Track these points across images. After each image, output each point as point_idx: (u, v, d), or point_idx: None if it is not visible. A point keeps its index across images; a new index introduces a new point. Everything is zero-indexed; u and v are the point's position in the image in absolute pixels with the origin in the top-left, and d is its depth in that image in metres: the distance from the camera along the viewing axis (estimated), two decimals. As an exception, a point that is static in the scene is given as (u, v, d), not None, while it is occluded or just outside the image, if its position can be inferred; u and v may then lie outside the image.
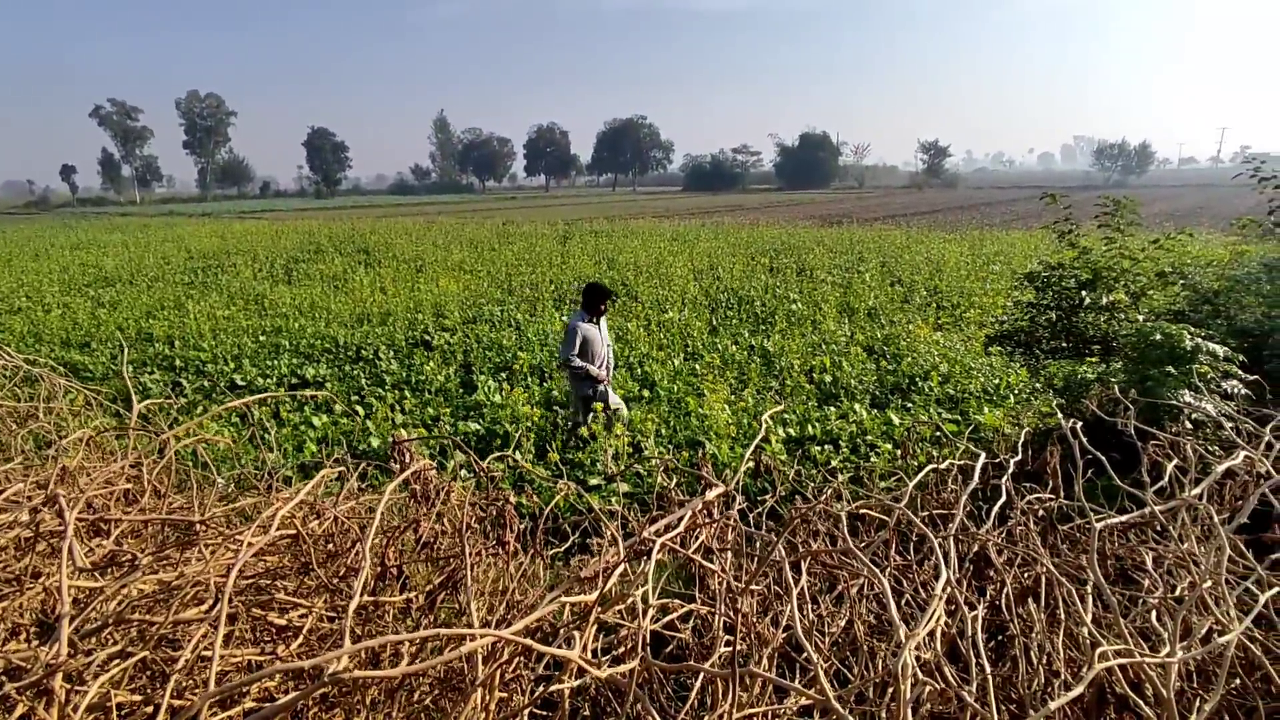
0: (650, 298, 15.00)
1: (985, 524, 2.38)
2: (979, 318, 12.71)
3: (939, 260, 19.37)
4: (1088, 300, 6.27)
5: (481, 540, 2.01)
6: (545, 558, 2.40)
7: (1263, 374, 4.95)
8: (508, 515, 2.04)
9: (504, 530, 2.03)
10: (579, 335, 6.80)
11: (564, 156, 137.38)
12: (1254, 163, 6.64)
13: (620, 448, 6.62)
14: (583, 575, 1.54)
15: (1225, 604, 1.71)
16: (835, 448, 7.04)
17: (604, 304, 6.94)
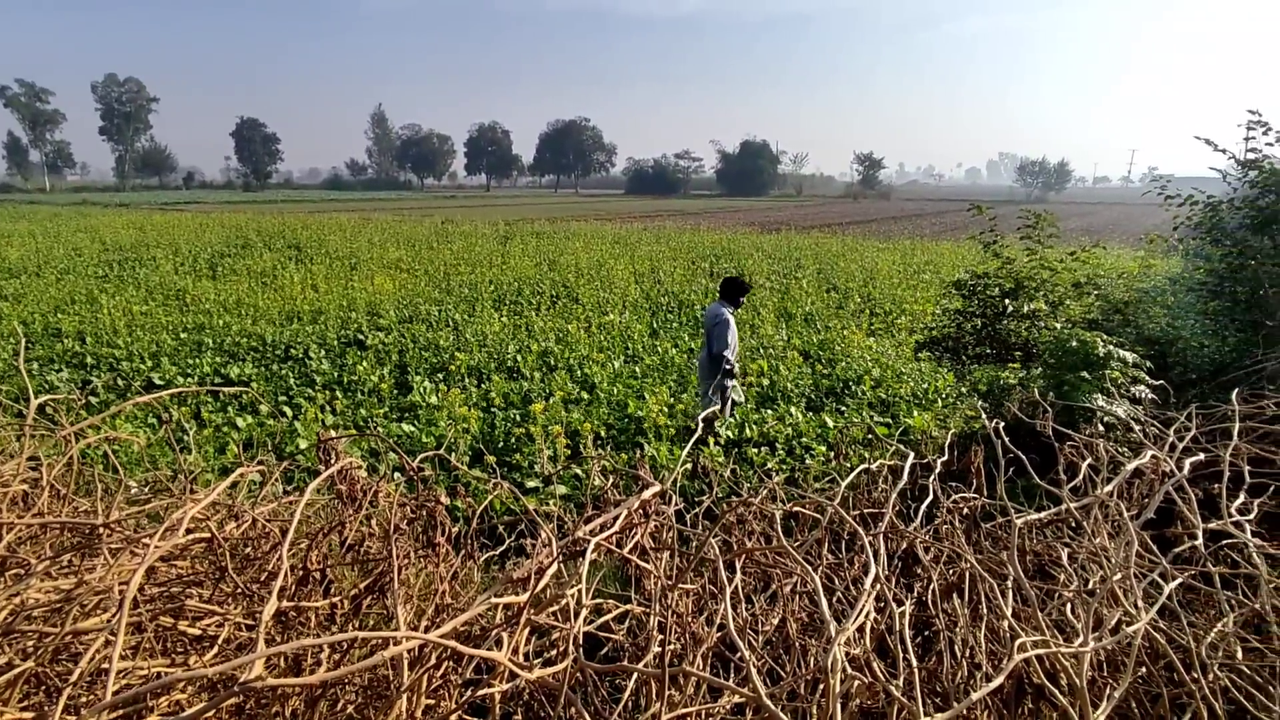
0: (591, 300, 14.97)
1: (914, 523, 2.44)
2: (909, 324, 13.11)
3: (873, 268, 19.91)
4: (1010, 308, 6.54)
5: (410, 542, 1.95)
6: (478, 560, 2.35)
7: (1167, 379, 5.26)
8: (438, 517, 1.98)
9: (434, 532, 1.98)
10: (731, 328, 6.75)
11: (506, 156, 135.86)
12: (1160, 183, 7.04)
13: (558, 449, 6.57)
14: (516, 576, 1.51)
15: (1133, 595, 1.80)
16: (772, 450, 7.14)
17: (744, 296, 6.99)
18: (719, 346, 6.72)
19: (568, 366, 10.14)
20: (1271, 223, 6.58)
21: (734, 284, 6.98)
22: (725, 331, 6.71)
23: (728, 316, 6.77)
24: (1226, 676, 1.89)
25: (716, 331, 6.74)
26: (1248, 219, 6.70)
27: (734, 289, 6.96)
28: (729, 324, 6.75)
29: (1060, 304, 6.88)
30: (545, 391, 8.88)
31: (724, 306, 6.87)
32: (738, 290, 6.97)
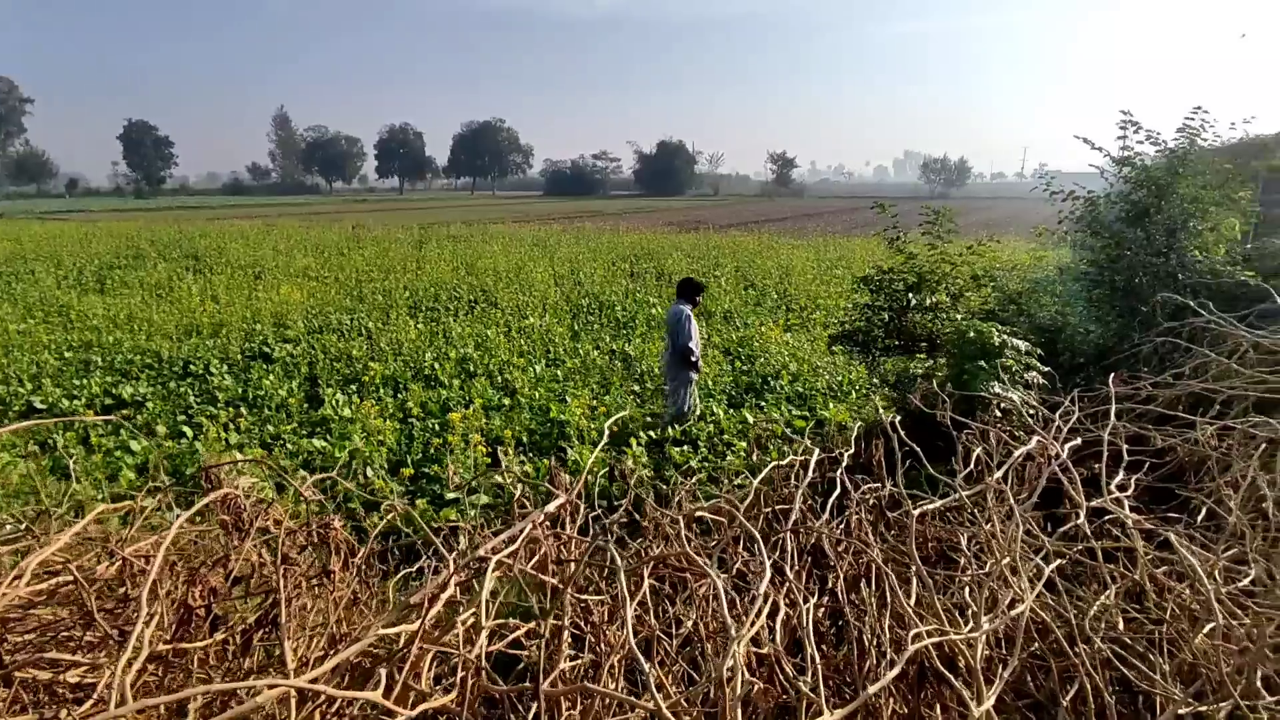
0: (511, 304, 14.77)
1: (824, 516, 2.50)
2: (824, 319, 13.50)
3: (788, 265, 20.40)
4: (914, 301, 6.81)
5: (303, 571, 1.85)
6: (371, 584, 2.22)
7: (1057, 364, 5.59)
8: (334, 540, 1.90)
9: (332, 558, 1.89)
10: (694, 323, 7.36)
11: (419, 158, 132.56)
12: (1045, 179, 7.47)
13: (478, 458, 6.45)
14: (413, 600, 1.45)
15: (1022, 577, 1.89)
16: (694, 448, 7.20)
17: (700, 296, 7.71)
18: (684, 339, 7.24)
19: (488, 372, 9.97)
20: (1144, 215, 7.09)
21: (690, 284, 7.66)
22: (689, 326, 7.29)
23: (689, 313, 7.37)
24: (1109, 648, 2.01)
25: (680, 327, 7.29)
26: (1123, 212, 7.20)
27: (691, 289, 7.61)
28: (690, 319, 7.34)
29: (960, 296, 7.22)
30: (465, 399, 8.70)
31: (683, 305, 7.45)
32: (694, 290, 7.63)
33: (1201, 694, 1.88)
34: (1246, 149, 8.21)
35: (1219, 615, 1.91)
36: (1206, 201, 6.90)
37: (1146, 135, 7.26)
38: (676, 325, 7.32)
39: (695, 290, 7.63)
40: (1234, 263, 6.68)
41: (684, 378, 7.49)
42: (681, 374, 7.47)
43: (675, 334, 7.35)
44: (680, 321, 7.29)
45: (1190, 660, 1.96)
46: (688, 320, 7.30)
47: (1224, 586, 2.17)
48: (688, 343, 7.25)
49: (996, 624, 1.71)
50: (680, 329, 7.29)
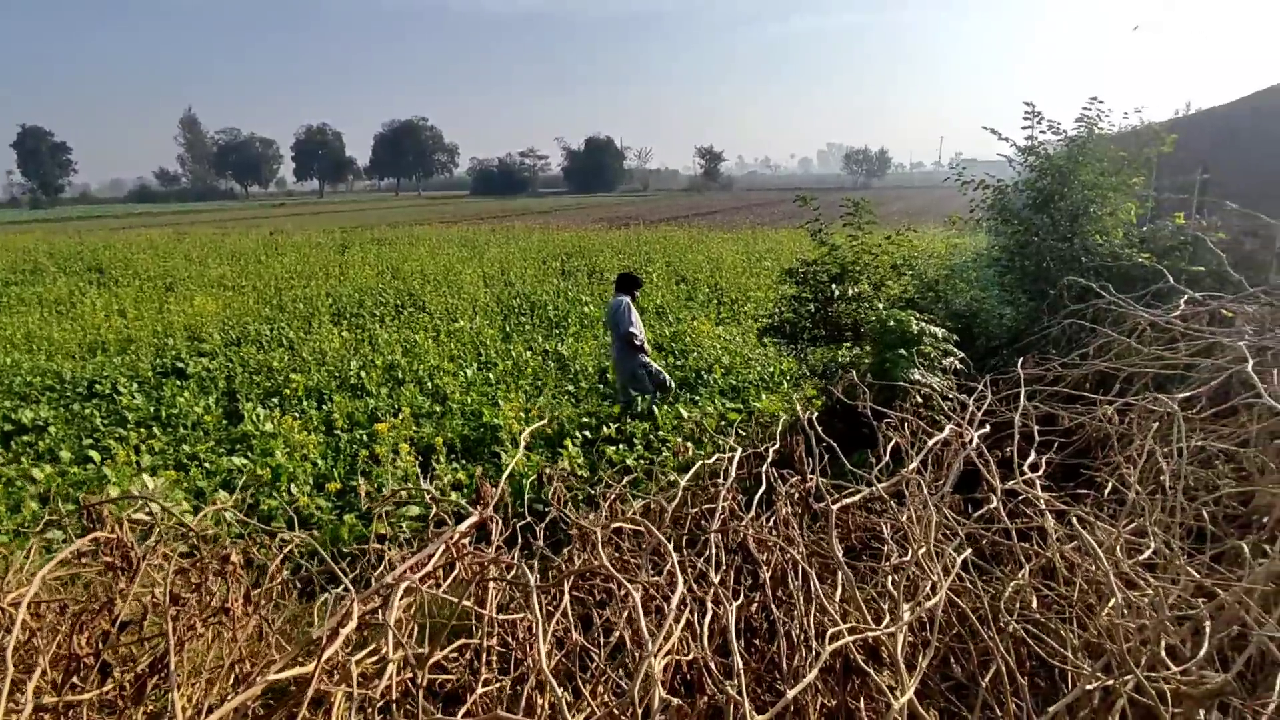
0: (439, 307, 14.46)
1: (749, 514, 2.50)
2: (754, 311, 13.68)
3: (718, 259, 20.61)
4: (838, 292, 6.96)
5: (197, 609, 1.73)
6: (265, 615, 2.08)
7: (973, 349, 5.80)
8: (230, 574, 1.78)
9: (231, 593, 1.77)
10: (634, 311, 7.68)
11: (339, 159, 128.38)
12: (957, 169, 7.74)
13: (408, 467, 6.27)
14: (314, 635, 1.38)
15: (938, 564, 1.93)
16: (630, 446, 7.18)
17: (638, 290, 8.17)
18: (625, 326, 7.59)
19: (417, 379, 9.73)
20: (1049, 202, 7.43)
21: (628, 278, 8.17)
22: (629, 313, 7.66)
23: (629, 302, 7.77)
24: (1023, 627, 2.08)
25: (620, 316, 7.65)
26: (1030, 200, 7.52)
27: (629, 283, 8.09)
28: (631, 308, 7.71)
29: (882, 285, 7.40)
30: (393, 408, 8.46)
31: (619, 296, 7.90)
32: (632, 284, 8.11)
33: (1109, 667, 1.96)
34: (1139, 136, 8.68)
35: (1117, 590, 2.00)
36: (1105, 187, 7.27)
37: (1049, 125, 7.61)
38: (617, 314, 7.67)
39: (633, 284, 8.08)
40: (1131, 245, 7.06)
41: (637, 361, 7.85)
42: (632, 360, 7.83)
43: (617, 323, 7.70)
44: (620, 311, 7.66)
45: (1097, 634, 2.04)
46: (628, 309, 7.67)
47: (1127, 560, 2.28)
48: (629, 328, 7.59)
49: (917, 613, 1.74)
50: (621, 317, 7.64)
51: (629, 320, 7.66)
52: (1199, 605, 2.12)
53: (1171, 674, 1.84)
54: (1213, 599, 2.22)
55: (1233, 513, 3.00)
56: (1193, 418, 3.62)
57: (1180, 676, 1.83)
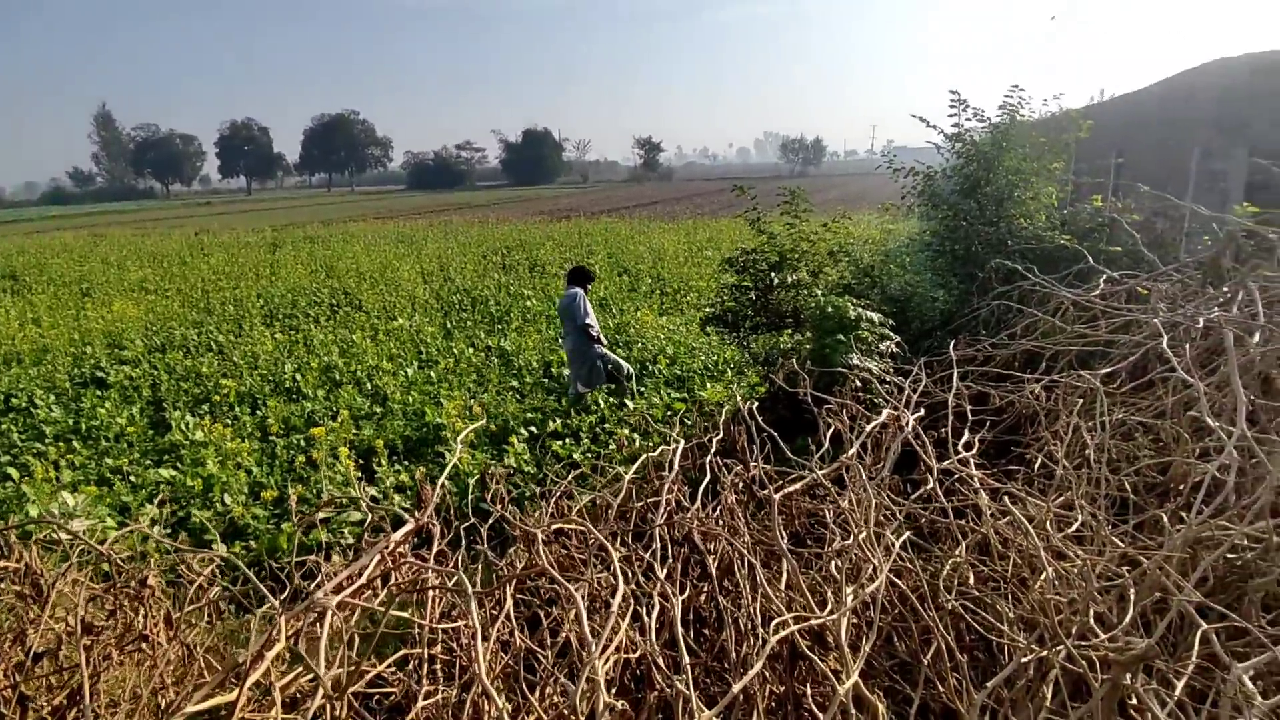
0: (377, 305, 14.09)
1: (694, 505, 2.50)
2: (696, 300, 13.75)
3: (660, 249, 20.64)
4: (777, 280, 7.04)
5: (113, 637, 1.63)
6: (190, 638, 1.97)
7: (909, 332, 5.94)
8: (148, 598, 1.68)
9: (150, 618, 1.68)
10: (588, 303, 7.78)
11: (266, 155, 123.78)
12: (888, 156, 7.91)
13: (348, 472, 6.10)
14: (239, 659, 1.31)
15: (875, 547, 1.97)
16: (576, 440, 7.14)
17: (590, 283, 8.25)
18: (581, 317, 7.69)
19: (355, 380, 9.46)
20: (976, 187, 7.66)
21: (581, 271, 8.26)
22: (584, 304, 7.76)
23: (582, 294, 7.85)
24: (961, 603, 2.14)
25: (575, 308, 7.75)
26: (957, 185, 7.74)
27: (581, 276, 8.16)
28: (585, 300, 7.82)
29: (820, 272, 7.52)
30: (331, 411, 8.22)
31: (572, 289, 7.93)
32: (585, 277, 8.19)
33: (1043, 638, 2.04)
34: (1058, 123, 9.02)
35: (1048, 563, 2.07)
36: (1027, 172, 7.54)
37: (974, 113, 7.84)
38: (572, 306, 7.76)
39: (586, 278, 8.21)
40: (1053, 228, 7.34)
41: (595, 353, 7.95)
42: (590, 352, 7.92)
43: (572, 315, 7.80)
44: (575, 303, 7.74)
45: (1030, 607, 2.12)
46: (582, 300, 7.79)
47: (1056, 534, 2.37)
48: (585, 320, 7.71)
49: (860, 596, 1.77)
50: (576, 310, 7.74)
51: (584, 311, 7.75)
52: (1124, 574, 2.22)
53: (1100, 642, 1.92)
54: (1136, 567, 2.33)
55: (1152, 482, 3.16)
56: (1114, 392, 3.79)
57: (1108, 644, 1.91)
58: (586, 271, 8.35)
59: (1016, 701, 1.94)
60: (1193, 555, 2.37)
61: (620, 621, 1.40)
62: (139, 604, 1.65)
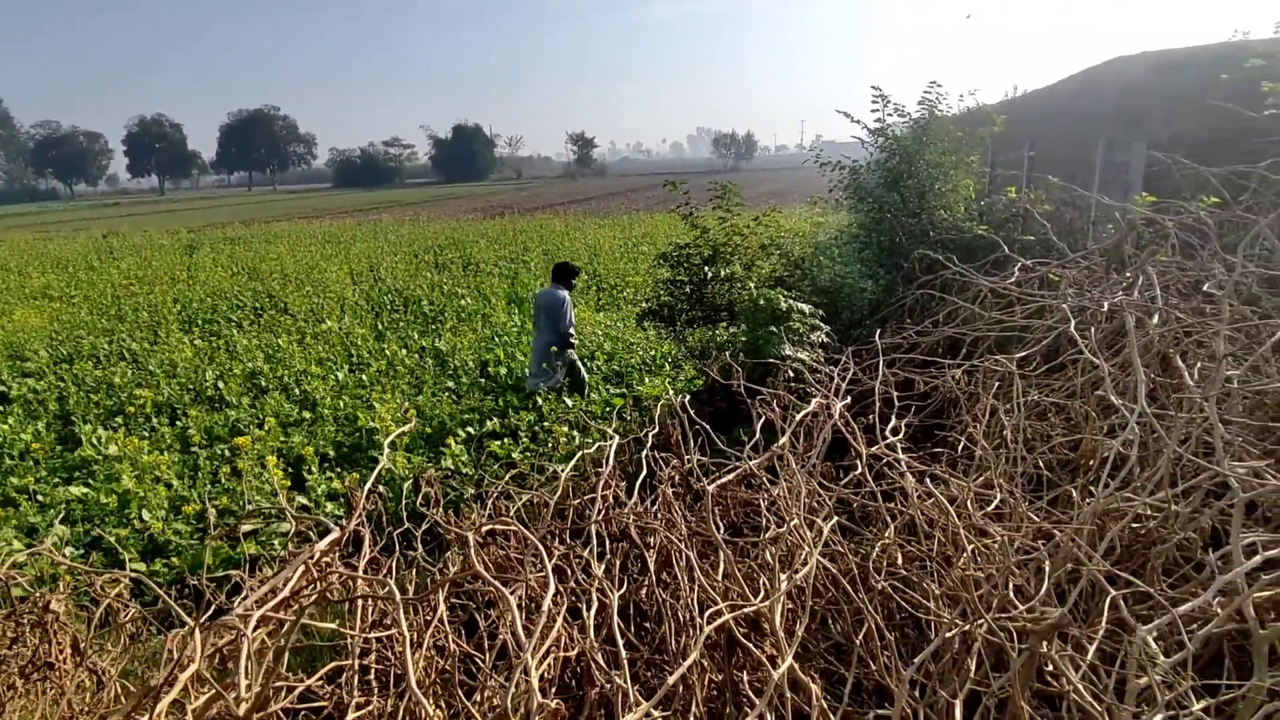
0: (304, 308, 13.63)
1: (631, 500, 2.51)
2: (633, 296, 13.78)
3: (595, 245, 20.59)
4: (711, 274, 7.12)
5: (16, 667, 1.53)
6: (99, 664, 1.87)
7: (839, 322, 6.10)
8: (52, 625, 1.58)
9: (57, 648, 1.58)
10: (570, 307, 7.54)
11: (180, 153, 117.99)
12: (816, 151, 8.09)
13: (276, 481, 5.89)
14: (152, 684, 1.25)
15: (807, 533, 2.02)
16: (515, 439, 7.07)
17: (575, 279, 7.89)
18: (565, 326, 7.52)
19: (282, 386, 9.14)
20: (898, 181, 7.91)
21: (565, 268, 7.91)
22: (568, 312, 7.57)
23: (566, 297, 7.61)
24: (890, 583, 2.22)
25: (560, 313, 7.54)
26: (881, 179, 7.97)
27: (566, 273, 7.85)
28: (569, 304, 7.61)
29: (752, 265, 7.65)
30: (257, 419, 7.92)
31: (558, 289, 7.66)
32: (570, 274, 7.86)
33: (966, 613, 2.13)
34: (974, 117, 9.38)
35: (970, 541, 2.17)
36: (947, 165, 7.83)
37: (895, 108, 8.08)
38: (557, 309, 7.53)
39: (571, 274, 7.88)
40: (971, 219, 7.64)
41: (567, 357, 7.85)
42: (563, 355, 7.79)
43: (555, 320, 7.59)
44: (562, 308, 7.54)
45: (954, 584, 2.21)
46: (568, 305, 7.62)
47: (977, 512, 2.48)
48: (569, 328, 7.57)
49: (794, 581, 1.81)
50: (561, 315, 7.55)
51: (569, 320, 7.56)
52: (1039, 547, 2.34)
53: (1019, 613, 2.03)
54: (1051, 540, 2.46)
55: (1065, 459, 3.33)
56: (1029, 375, 3.98)
57: (1026, 615, 2.01)
58: (571, 268, 7.98)
59: (944, 674, 2.02)
60: (1101, 526, 2.51)
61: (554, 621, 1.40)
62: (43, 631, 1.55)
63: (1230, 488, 2.37)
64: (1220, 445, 2.48)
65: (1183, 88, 8.28)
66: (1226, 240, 5.18)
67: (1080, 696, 1.88)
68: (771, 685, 1.54)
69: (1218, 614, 2.07)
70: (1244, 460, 2.70)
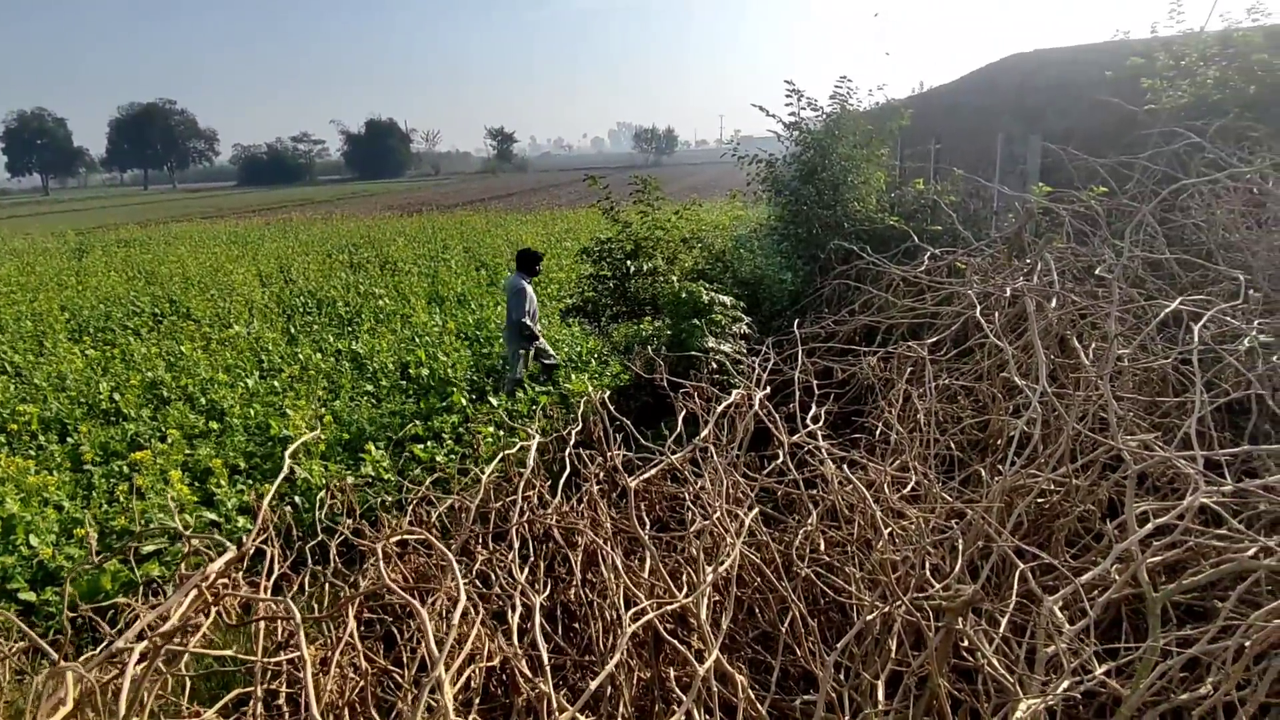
0: (208, 313, 12.93)
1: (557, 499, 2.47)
2: (557, 293, 13.66)
3: (518, 242, 20.31)
4: (633, 268, 7.11)
5: None
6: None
7: (760, 313, 6.19)
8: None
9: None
10: (528, 296, 7.37)
11: (65, 150, 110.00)
12: (733, 145, 8.19)
13: (182, 496, 5.56)
14: None
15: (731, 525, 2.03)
16: (439, 442, 6.89)
17: (539, 265, 7.69)
18: (517, 315, 7.40)
19: (186, 396, 8.64)
20: (813, 174, 8.09)
21: (527, 255, 7.74)
22: (522, 301, 7.40)
23: (523, 285, 7.44)
24: (813, 570, 2.25)
25: (513, 301, 7.44)
26: (797, 172, 8.14)
27: (528, 259, 7.68)
28: (524, 292, 7.42)
29: (674, 259, 7.68)
30: (159, 431, 7.46)
31: (521, 278, 7.52)
32: (532, 260, 7.68)
33: (885, 595, 2.18)
34: (883, 113, 9.68)
35: (886, 524, 2.22)
36: (858, 159, 8.05)
37: (808, 103, 8.26)
38: (516, 299, 7.41)
39: (534, 260, 7.68)
40: (883, 210, 7.89)
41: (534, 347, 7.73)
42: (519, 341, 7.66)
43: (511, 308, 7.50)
44: (518, 296, 7.40)
45: (874, 568, 2.27)
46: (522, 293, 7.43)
47: (894, 495, 2.55)
48: (521, 317, 7.40)
49: (718, 574, 1.81)
50: (514, 302, 7.42)
51: (521, 308, 7.39)
52: (953, 526, 2.43)
53: (935, 592, 2.09)
54: (964, 519, 2.55)
55: (975, 439, 3.48)
56: (939, 359, 4.14)
57: (942, 594, 2.08)
58: (532, 255, 7.74)
59: (867, 657, 2.07)
60: (1009, 503, 2.63)
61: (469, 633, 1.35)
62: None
63: (1124, 460, 2.51)
64: (1114, 420, 2.63)
65: (1072, 84, 8.77)
66: (1115, 226, 5.52)
67: (994, 669, 1.95)
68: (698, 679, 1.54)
69: (1116, 580, 2.18)
70: (1135, 434, 2.87)
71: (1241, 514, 2.55)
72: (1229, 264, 4.57)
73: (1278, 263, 4.39)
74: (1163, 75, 7.40)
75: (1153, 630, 2.02)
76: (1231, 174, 5.11)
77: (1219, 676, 1.99)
